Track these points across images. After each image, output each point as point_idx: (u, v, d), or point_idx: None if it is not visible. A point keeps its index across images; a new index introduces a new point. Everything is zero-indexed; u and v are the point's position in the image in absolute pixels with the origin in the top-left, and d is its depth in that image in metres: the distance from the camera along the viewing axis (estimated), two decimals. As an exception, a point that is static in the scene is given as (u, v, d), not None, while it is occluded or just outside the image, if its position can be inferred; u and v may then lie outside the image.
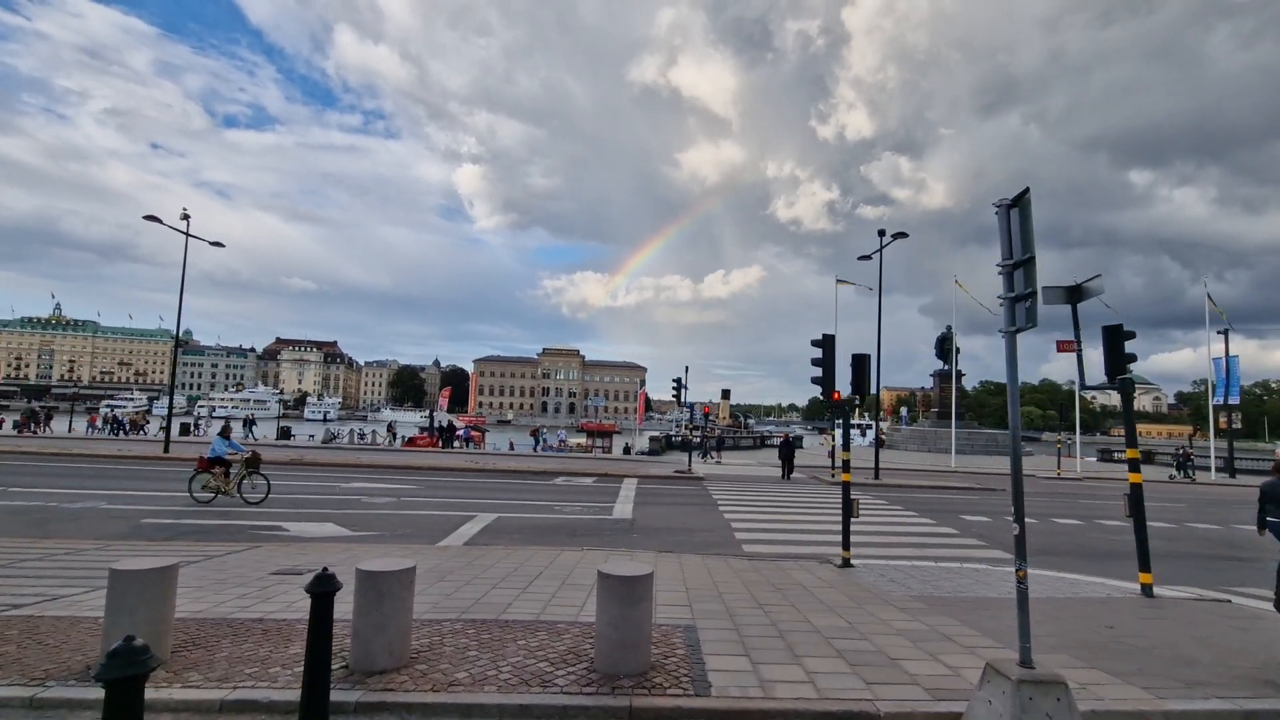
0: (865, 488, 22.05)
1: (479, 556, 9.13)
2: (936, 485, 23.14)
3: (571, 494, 17.71)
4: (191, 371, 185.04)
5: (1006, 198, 4.13)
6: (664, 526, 12.88)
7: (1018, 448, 4.43)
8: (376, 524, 12.27)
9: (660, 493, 18.44)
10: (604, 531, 12.20)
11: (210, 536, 10.84)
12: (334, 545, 10.04)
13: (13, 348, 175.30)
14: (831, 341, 9.68)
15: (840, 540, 11.51)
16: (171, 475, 18.46)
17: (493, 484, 19.36)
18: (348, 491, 16.26)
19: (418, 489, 17.26)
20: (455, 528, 12.04)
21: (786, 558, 10.05)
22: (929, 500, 18.73)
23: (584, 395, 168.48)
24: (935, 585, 8.10)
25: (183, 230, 23.82)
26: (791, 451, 24.13)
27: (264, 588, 7.10)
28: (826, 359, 9.59)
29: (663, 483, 21.33)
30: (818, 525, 13.38)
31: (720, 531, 12.41)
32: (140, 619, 4.35)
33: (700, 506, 15.71)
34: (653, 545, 10.90)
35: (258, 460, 14.35)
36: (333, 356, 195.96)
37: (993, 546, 11.75)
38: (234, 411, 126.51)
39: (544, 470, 23.10)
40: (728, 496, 17.64)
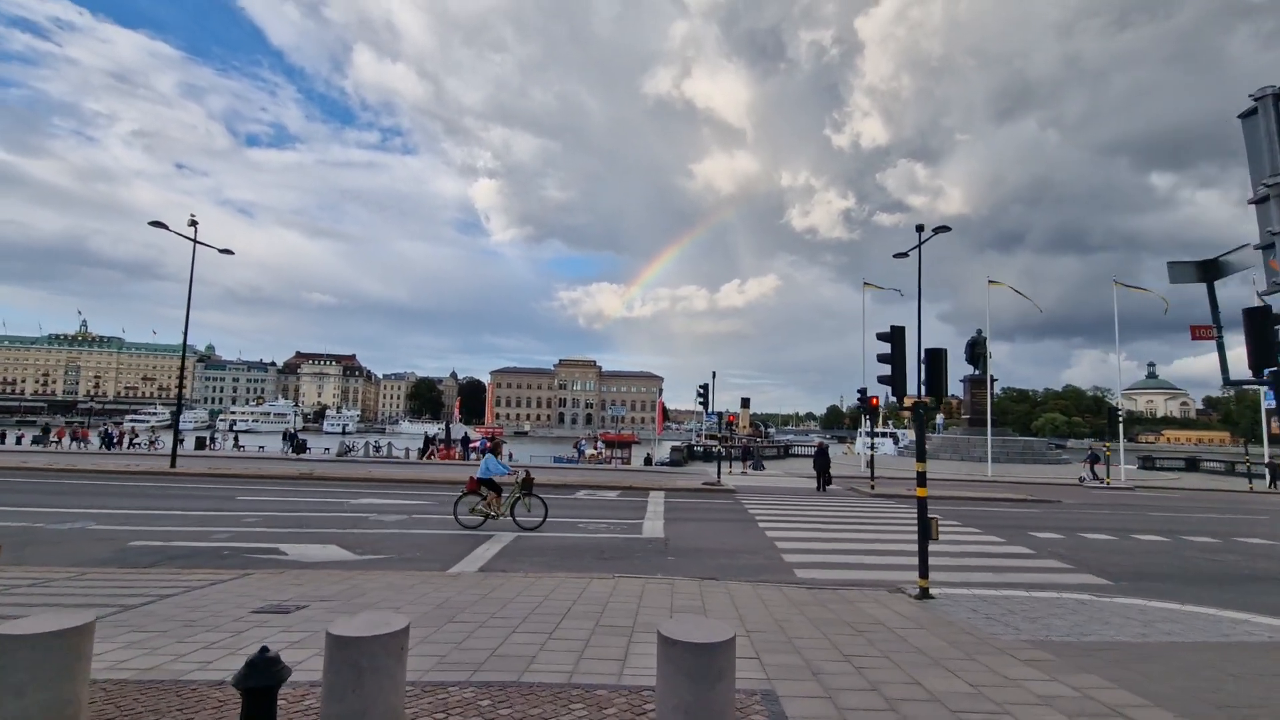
0: (902, 499, 20.52)
1: (496, 587, 7.88)
2: (986, 497, 21.52)
3: (595, 509, 16.43)
4: (213, 386, 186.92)
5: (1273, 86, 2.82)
6: (701, 547, 11.55)
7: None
8: (384, 545, 11.08)
9: (691, 508, 17.09)
10: (635, 553, 10.91)
11: (200, 561, 9.73)
12: (333, 573, 8.84)
13: (40, 364, 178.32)
14: (901, 335, 8.36)
15: (907, 564, 10.12)
16: (175, 492, 17.50)
17: (511, 499, 18.14)
18: (356, 509, 15.13)
19: (431, 504, 16.08)
20: (470, 550, 10.81)
21: (847, 585, 8.69)
22: (985, 514, 17.18)
23: (601, 406, 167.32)
24: (1045, 624, 6.70)
25: (190, 237, 23.06)
26: (827, 462, 22.64)
27: (239, 633, 5.90)
28: (896, 355, 8.27)
29: (692, 496, 19.97)
30: (872, 544, 11.97)
31: (765, 553, 11.05)
32: (31, 703, 3.15)
33: (737, 523, 14.35)
34: (692, 571, 9.58)
35: (531, 482, 13.22)
36: (351, 370, 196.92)
37: (1081, 570, 10.26)
38: (254, 425, 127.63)
39: (564, 484, 21.85)
40: (765, 511, 16.25)
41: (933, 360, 8.16)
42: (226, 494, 17.01)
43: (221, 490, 17.84)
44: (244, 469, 23.23)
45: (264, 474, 21.73)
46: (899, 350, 8.24)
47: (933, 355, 8.17)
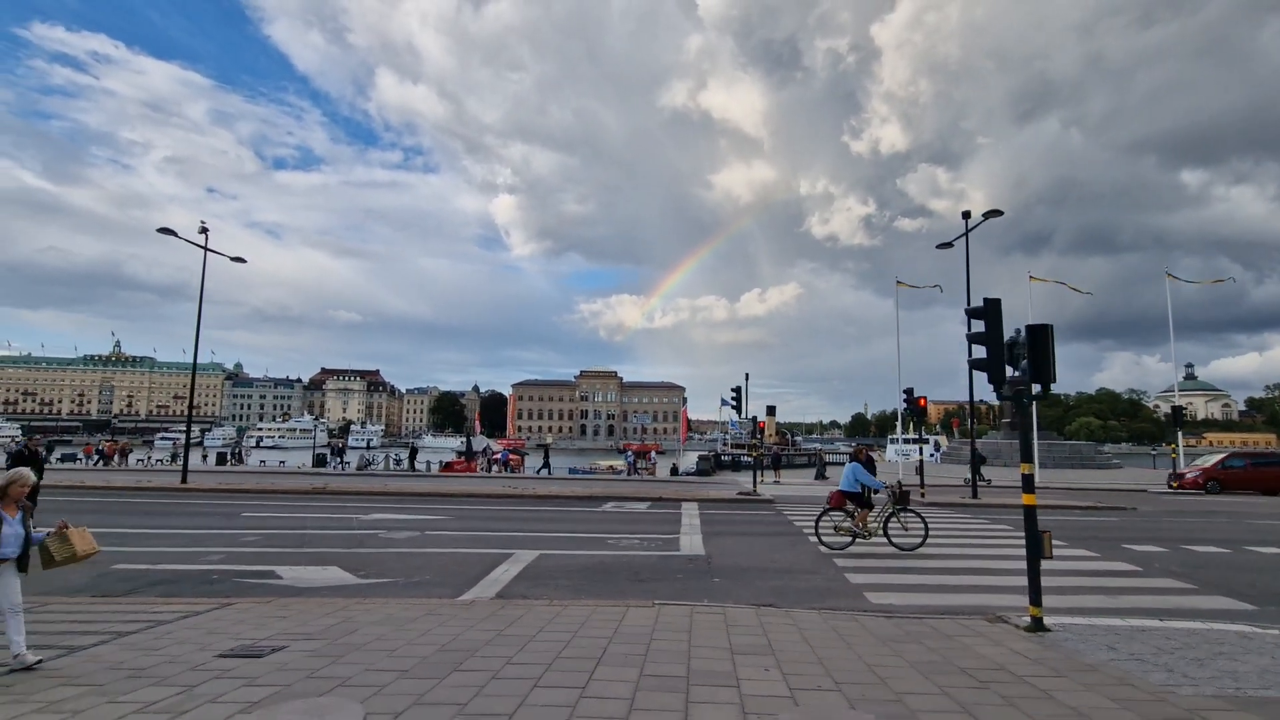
0: (965, 509, 18.82)
1: (515, 620, 6.55)
2: (1053, 504, 19.66)
3: (625, 523, 15.06)
4: (241, 403, 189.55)
5: None
6: (749, 565, 10.11)
7: None
8: (391, 567, 9.84)
9: (729, 520, 15.63)
10: (674, 573, 9.52)
11: (183, 587, 8.57)
12: (327, 602, 7.59)
13: (76, 384, 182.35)
14: (998, 310, 6.92)
15: (993, 584, 8.62)
16: (178, 509, 16.50)
17: (532, 512, 16.85)
18: (366, 524, 13.95)
19: (446, 520, 14.86)
20: (487, 571, 9.52)
21: (933, 612, 7.21)
22: (1061, 524, 15.41)
23: (622, 417, 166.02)
24: (1220, 669, 5.17)
25: (200, 244, 22.33)
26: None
27: (191, 688, 4.64)
28: (992, 334, 6.82)
29: (728, 507, 18.49)
30: (944, 561, 10.43)
31: (824, 571, 9.59)
32: None
33: (785, 537, 12.87)
34: (744, 595, 8.17)
35: (907, 496, 11.80)
36: (375, 385, 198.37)
37: (1208, 591, 8.63)
38: (280, 440, 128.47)
39: (589, 495, 20.52)
40: (812, 523, 14.71)
41: (1037, 339, 6.70)
42: (231, 510, 15.97)
43: (227, 506, 16.82)
44: (255, 484, 22.30)
45: (275, 489, 20.74)
46: (995, 328, 6.79)
47: (1037, 333, 6.71)
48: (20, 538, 5.15)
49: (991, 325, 6.84)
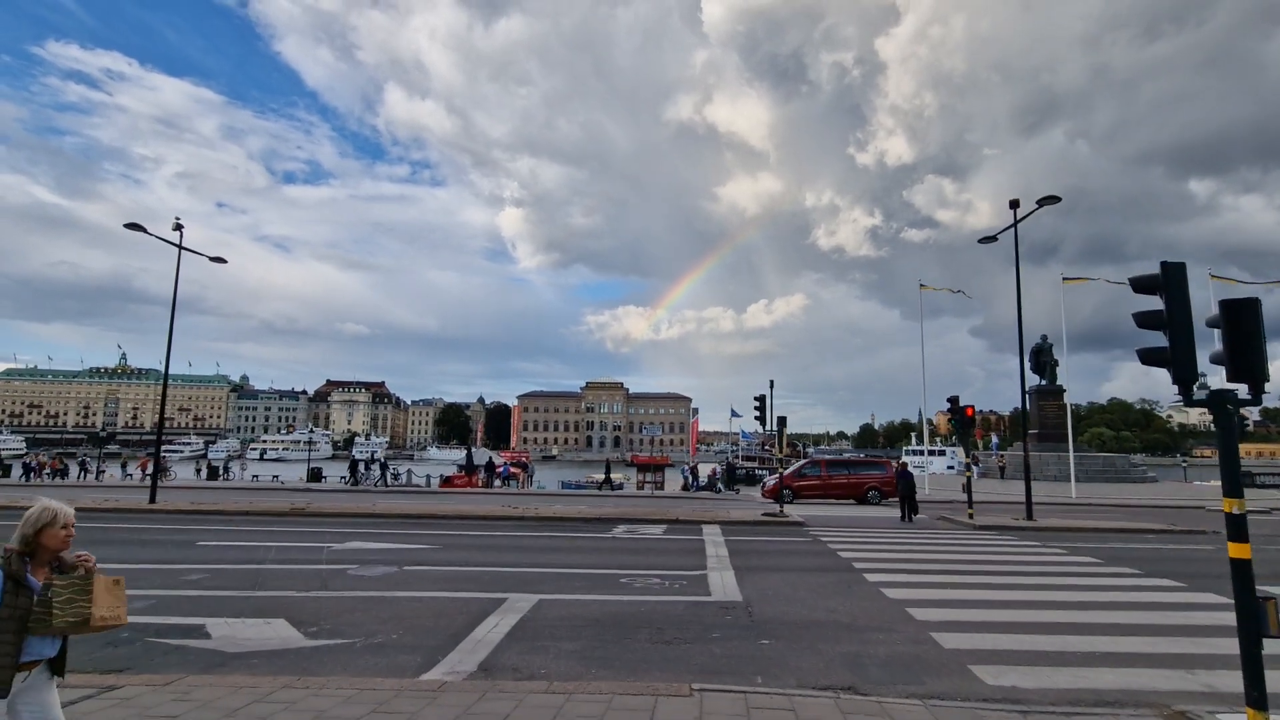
0: (1023, 533, 16.63)
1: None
2: (1116, 528, 17.45)
3: (639, 552, 12.99)
4: (246, 415, 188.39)
5: None
6: (802, 618, 8.01)
7: None
8: (351, 620, 7.80)
9: (760, 549, 13.52)
10: (708, 630, 7.44)
11: (74, 652, 6.52)
12: (246, 682, 5.56)
13: (81, 397, 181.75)
14: (1181, 276, 4.88)
15: (1139, 651, 6.51)
16: (128, 536, 14.47)
17: (533, 539, 14.79)
18: (338, 555, 11.93)
19: (432, 550, 12.82)
20: (471, 625, 7.49)
21: (1077, 700, 5.17)
22: (1139, 553, 13.26)
23: (629, 428, 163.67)
24: None
25: (173, 242, 20.54)
26: (912, 486, 18.88)
27: None
28: (1176, 313, 4.80)
29: (754, 532, 16.36)
30: (1051, 613, 8.31)
31: (901, 628, 7.49)
32: None
33: (833, 574, 10.75)
34: (809, 668, 6.12)
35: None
36: (381, 397, 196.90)
37: None
38: (284, 453, 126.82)
39: (598, 517, 18.44)
40: (860, 553, 12.60)
41: (1241, 320, 4.66)
42: (187, 539, 13.98)
43: (185, 533, 14.83)
44: (232, 504, 20.32)
45: (250, 510, 18.75)
46: (1179, 305, 4.75)
47: (1240, 310, 4.67)
48: None
49: (1175, 302, 4.79)
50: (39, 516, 2.96)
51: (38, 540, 2.93)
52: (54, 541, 2.97)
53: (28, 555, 2.91)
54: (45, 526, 2.94)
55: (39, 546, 2.93)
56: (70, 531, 3.03)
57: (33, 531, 2.93)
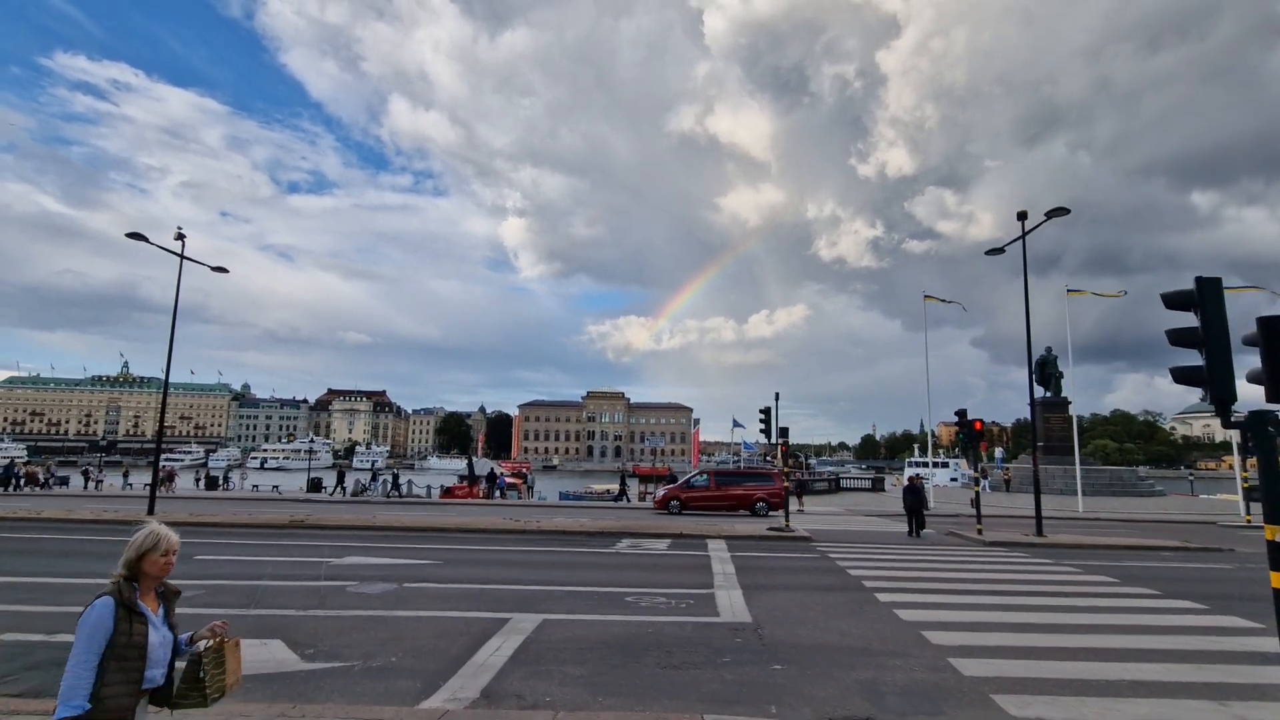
0: (1031, 549, 16.35)
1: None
2: (1134, 545, 17.15)
3: (644, 569, 12.73)
4: (247, 424, 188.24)
5: None
6: (814, 642, 7.76)
7: None
8: (350, 640, 7.57)
9: (767, 566, 13.25)
10: (718, 654, 7.20)
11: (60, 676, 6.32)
12: (237, 711, 5.34)
13: (83, 405, 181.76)
14: (1217, 291, 4.68)
15: (1175, 681, 6.25)
16: (117, 552, 14.24)
17: (537, 554, 14.54)
18: (337, 570, 11.69)
19: (433, 565, 12.58)
20: (474, 647, 7.26)
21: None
22: (1163, 574, 12.97)
23: (630, 438, 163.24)
24: None
25: (175, 252, 20.44)
26: (921, 500, 18.59)
27: None
28: (1212, 330, 4.62)
29: (760, 547, 16.09)
30: (1068, 635, 8.04)
31: (917, 653, 7.24)
32: None
33: (843, 593, 10.49)
34: (825, 696, 5.89)
35: None
36: (382, 406, 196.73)
37: None
38: (284, 462, 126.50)
39: (601, 530, 18.18)
40: (869, 571, 12.34)
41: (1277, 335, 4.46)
42: (184, 552, 13.49)
43: (181, 547, 14.56)
44: (230, 515, 20.09)
45: (249, 522, 18.51)
46: (1215, 322, 4.55)
47: (1279, 328, 4.48)
48: (169, 647, 2.92)
49: (1211, 319, 4.60)
50: (142, 541, 2.91)
51: (140, 566, 2.88)
52: (155, 568, 2.91)
53: (134, 581, 2.86)
54: (147, 552, 2.89)
55: (141, 573, 2.89)
56: (171, 559, 2.98)
57: (135, 556, 2.88)
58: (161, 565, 2.92)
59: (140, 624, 2.76)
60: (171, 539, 2.99)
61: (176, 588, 3.08)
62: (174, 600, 3.06)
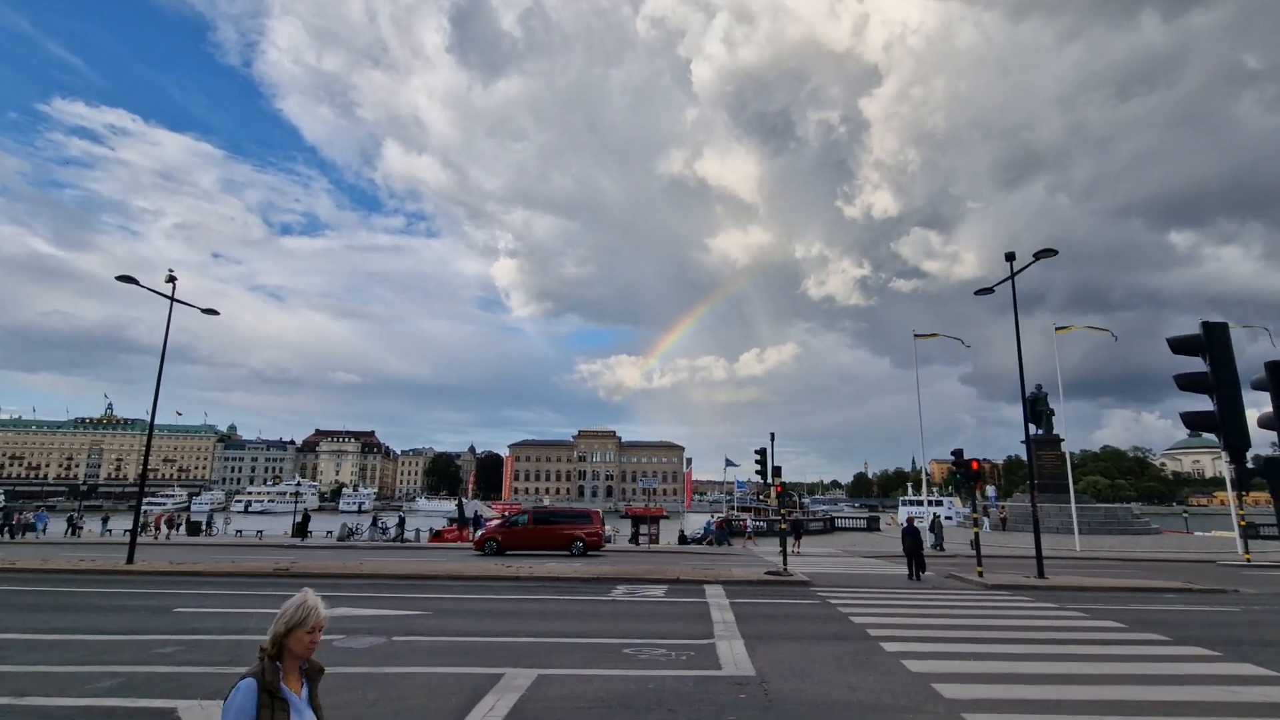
0: (1035, 592, 16.07)
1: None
2: (1134, 587, 16.90)
3: (642, 618, 12.35)
4: (233, 466, 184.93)
5: None
6: (822, 697, 7.45)
7: None
8: (335, 699, 7.15)
9: (768, 613, 12.90)
10: (721, 711, 6.89)
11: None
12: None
13: (64, 448, 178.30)
14: (1225, 338, 4.67)
15: None
16: (100, 603, 13.70)
17: (529, 602, 14.11)
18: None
19: (423, 616, 12.15)
20: (466, 708, 6.91)
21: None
22: (1168, 617, 12.71)
23: (621, 477, 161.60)
24: None
25: (165, 295, 20.30)
26: (919, 542, 18.31)
27: None
28: (1221, 376, 4.63)
29: (759, 593, 15.71)
30: (1084, 687, 7.79)
31: (930, 709, 6.94)
32: None
33: (847, 643, 10.18)
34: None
35: None
36: (370, 446, 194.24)
37: None
38: (270, 505, 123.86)
39: (596, 576, 17.73)
40: (873, 619, 12.01)
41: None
42: (164, 604, 13.22)
43: (162, 598, 14.05)
44: (212, 564, 19.47)
45: (232, 571, 17.91)
46: (1225, 368, 4.53)
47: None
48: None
49: (1220, 364, 4.59)
50: (291, 615, 2.64)
51: (285, 642, 2.63)
52: (300, 646, 2.65)
53: (279, 659, 2.62)
54: (295, 628, 2.62)
55: (285, 649, 2.63)
56: (317, 637, 2.70)
57: (284, 630, 2.62)
58: (307, 644, 2.66)
59: (282, 711, 2.53)
60: (321, 615, 2.71)
61: (320, 664, 2.82)
62: (318, 678, 2.80)
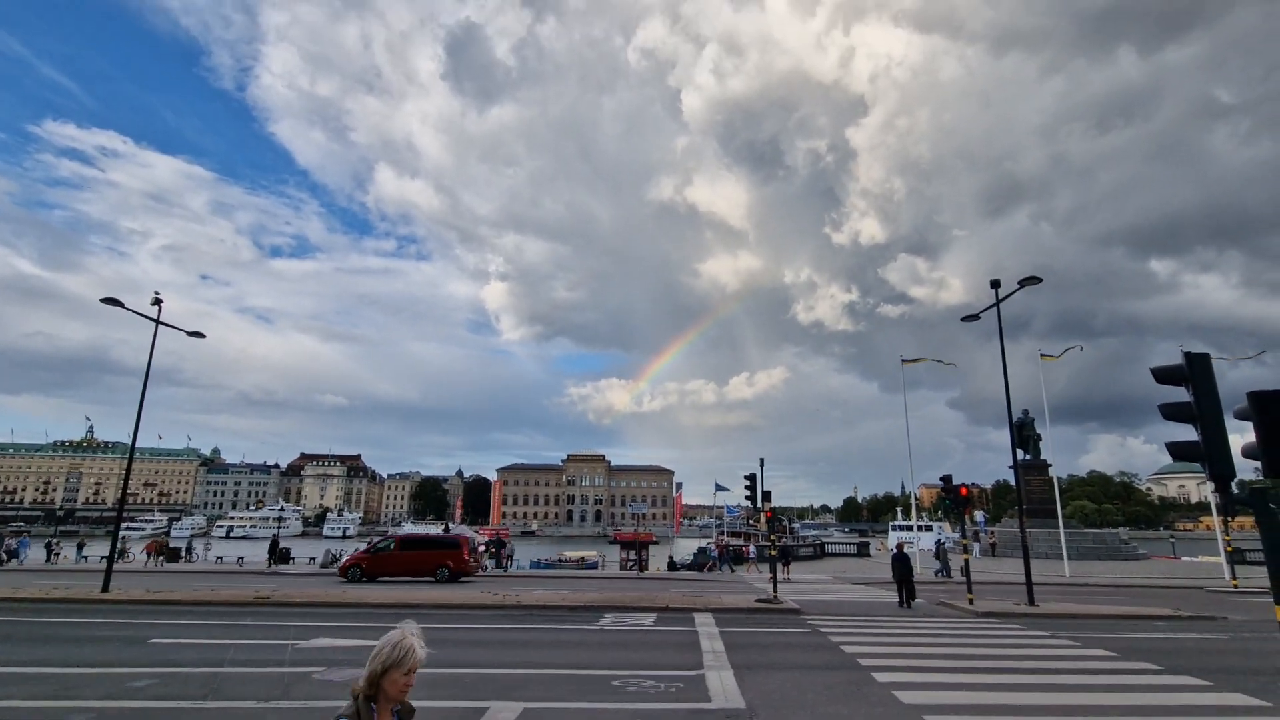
0: (1025, 619, 16.00)
1: None
2: (1121, 614, 16.87)
3: (631, 648, 12.14)
4: (215, 490, 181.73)
5: None
6: (813, 730, 7.33)
7: None
8: (314, 739, 6.99)
9: (758, 643, 12.72)
10: (713, 747, 6.75)
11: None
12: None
13: (41, 472, 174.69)
14: (1207, 367, 4.73)
15: None
16: (70, 634, 13.28)
17: (516, 633, 13.85)
18: (303, 655, 10.96)
19: (408, 647, 11.86)
20: (449, 745, 6.72)
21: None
22: (1157, 645, 12.68)
23: (610, 502, 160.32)
24: None
25: (151, 317, 20.11)
26: (909, 569, 18.21)
27: None
28: (1205, 406, 4.66)
29: (749, 621, 15.52)
30: (1080, 719, 7.72)
31: (922, 742, 6.86)
32: None
33: (839, 673, 10.04)
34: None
35: None
36: (356, 470, 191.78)
37: None
38: (251, 530, 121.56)
39: (584, 604, 17.46)
40: (864, 648, 11.87)
41: (1274, 409, 4.48)
42: (138, 634, 12.85)
43: (137, 628, 13.66)
44: (190, 592, 19.00)
45: (211, 599, 17.47)
46: (1208, 397, 4.58)
47: (1271, 403, 4.49)
48: None
49: (1203, 394, 4.63)
50: (388, 655, 2.55)
51: (380, 683, 2.54)
52: (394, 689, 2.56)
53: (373, 700, 2.53)
54: (392, 668, 2.53)
55: (380, 691, 2.54)
56: (411, 680, 2.61)
57: (380, 670, 2.53)
58: (402, 686, 2.56)
59: None
60: (419, 654, 2.61)
61: (412, 707, 2.73)
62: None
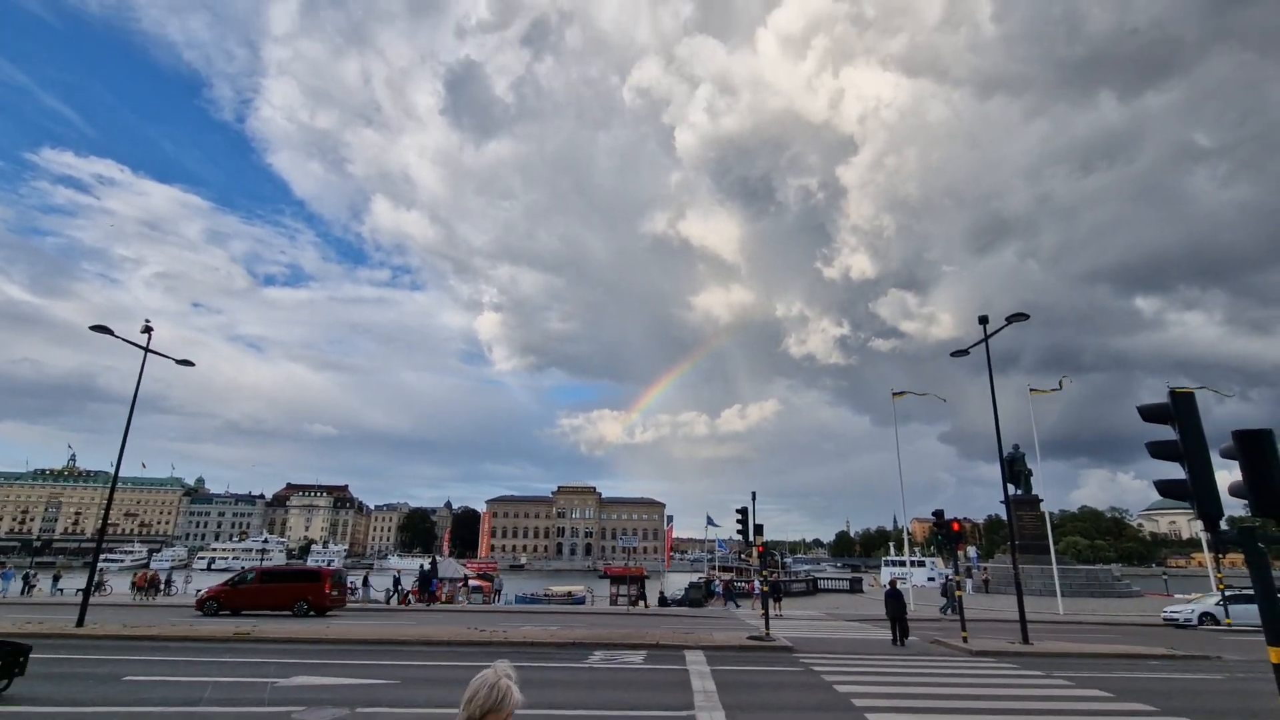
0: (1019, 658, 15.79)
1: None
2: (1115, 654, 16.68)
3: (619, 688, 11.87)
4: (198, 521, 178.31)
5: None
6: (806, 774, 7.15)
7: None
8: (291, 784, 6.74)
9: (750, 683, 12.46)
10: (703, 792, 6.56)
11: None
12: None
13: (20, 500, 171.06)
14: (1192, 406, 4.78)
15: None
16: (40, 672, 12.82)
17: (503, 670, 13.49)
18: (282, 694, 10.62)
19: (389, 686, 11.54)
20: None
21: None
22: (1153, 687, 12.52)
23: (601, 534, 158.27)
24: None
25: (140, 345, 19.99)
26: (903, 606, 17.99)
27: None
28: (1191, 445, 4.70)
29: (741, 660, 15.23)
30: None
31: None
32: None
33: (832, 713, 9.82)
34: None
35: None
36: (342, 501, 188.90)
37: None
38: (233, 562, 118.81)
39: (572, 641, 17.10)
40: (859, 689, 11.65)
41: (1253, 450, 4.52)
42: (113, 671, 12.44)
43: (110, 665, 13.23)
44: (168, 627, 18.49)
45: (187, 635, 16.98)
46: (1194, 436, 4.62)
47: (1256, 442, 4.54)
48: None
49: (1189, 433, 4.67)
50: (485, 699, 2.27)
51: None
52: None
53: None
54: (489, 713, 2.26)
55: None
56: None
57: (478, 715, 2.26)
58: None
59: None
60: (516, 697, 2.33)
61: None
62: None
